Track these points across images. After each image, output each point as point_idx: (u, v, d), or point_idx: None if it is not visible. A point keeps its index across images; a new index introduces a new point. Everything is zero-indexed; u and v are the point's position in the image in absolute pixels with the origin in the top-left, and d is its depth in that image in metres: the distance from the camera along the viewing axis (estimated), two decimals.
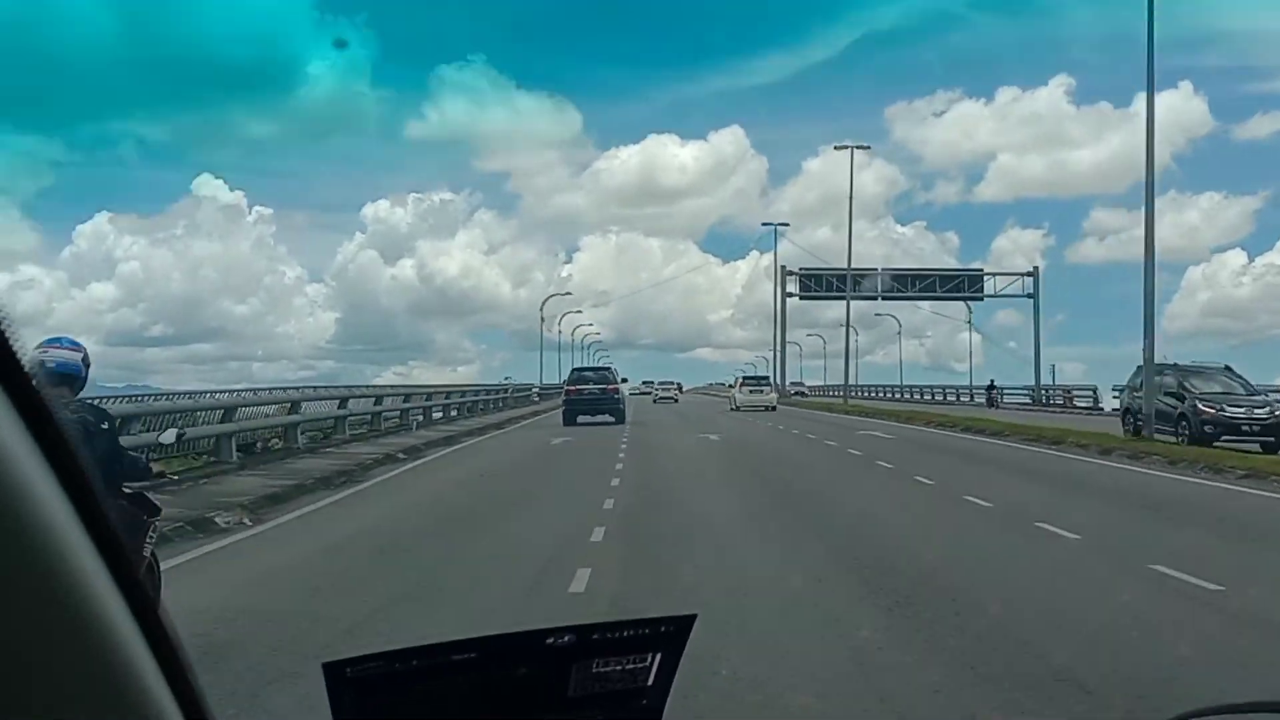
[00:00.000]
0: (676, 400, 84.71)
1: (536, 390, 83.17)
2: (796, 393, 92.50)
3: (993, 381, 63.76)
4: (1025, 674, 6.32)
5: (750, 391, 58.31)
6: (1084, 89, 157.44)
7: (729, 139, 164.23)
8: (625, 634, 1.29)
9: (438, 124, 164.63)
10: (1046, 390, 76.78)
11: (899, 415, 44.13)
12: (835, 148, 61.16)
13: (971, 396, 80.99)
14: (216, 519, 12.96)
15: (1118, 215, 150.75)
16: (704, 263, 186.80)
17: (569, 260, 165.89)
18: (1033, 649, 6.91)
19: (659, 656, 1.33)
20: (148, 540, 6.57)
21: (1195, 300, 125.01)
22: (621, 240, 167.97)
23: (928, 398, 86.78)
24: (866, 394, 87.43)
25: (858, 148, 61.34)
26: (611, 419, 41.09)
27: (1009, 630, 7.50)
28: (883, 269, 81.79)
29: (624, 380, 50.75)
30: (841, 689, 6.21)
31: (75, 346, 6.51)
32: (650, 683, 1.33)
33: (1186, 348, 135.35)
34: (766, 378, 72.24)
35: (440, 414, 42.53)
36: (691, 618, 1.37)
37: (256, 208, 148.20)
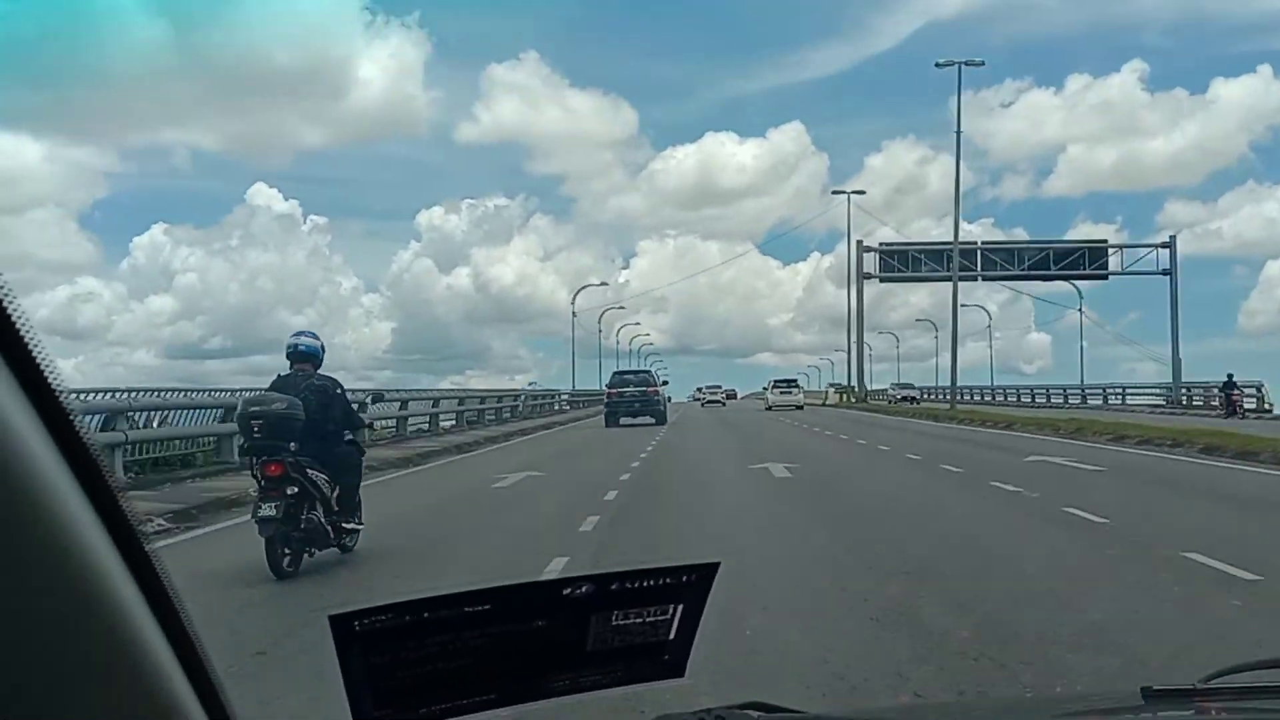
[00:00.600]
0: (724, 404, 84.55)
1: (566, 396, 69.74)
2: (904, 397, 75.75)
3: (1230, 378, 44.97)
4: None
5: (781, 393, 65.23)
6: (1157, 74, 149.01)
7: (788, 136, 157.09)
8: (646, 584, 1.19)
9: (490, 126, 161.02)
10: (1188, 390, 62.21)
11: (1054, 426, 29.57)
12: (937, 65, 46.85)
13: (1084, 398, 66.96)
14: None
15: (1192, 208, 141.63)
16: (764, 265, 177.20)
17: (626, 265, 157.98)
18: None
19: (680, 608, 1.23)
20: (362, 470, 10.01)
21: (1274, 296, 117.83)
22: (679, 244, 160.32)
23: (1024, 399, 73.02)
24: (963, 397, 72.84)
25: (967, 64, 46.79)
26: (652, 420, 41.01)
27: None
28: (983, 243, 67.29)
29: (665, 383, 53.06)
30: None
31: (315, 336, 9.79)
32: (672, 636, 1.24)
33: (1266, 345, 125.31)
34: (795, 380, 76.68)
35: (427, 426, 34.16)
36: (715, 565, 1.23)
37: (311, 217, 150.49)
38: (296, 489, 8.81)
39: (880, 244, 68.63)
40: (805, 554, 9.55)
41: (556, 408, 62.73)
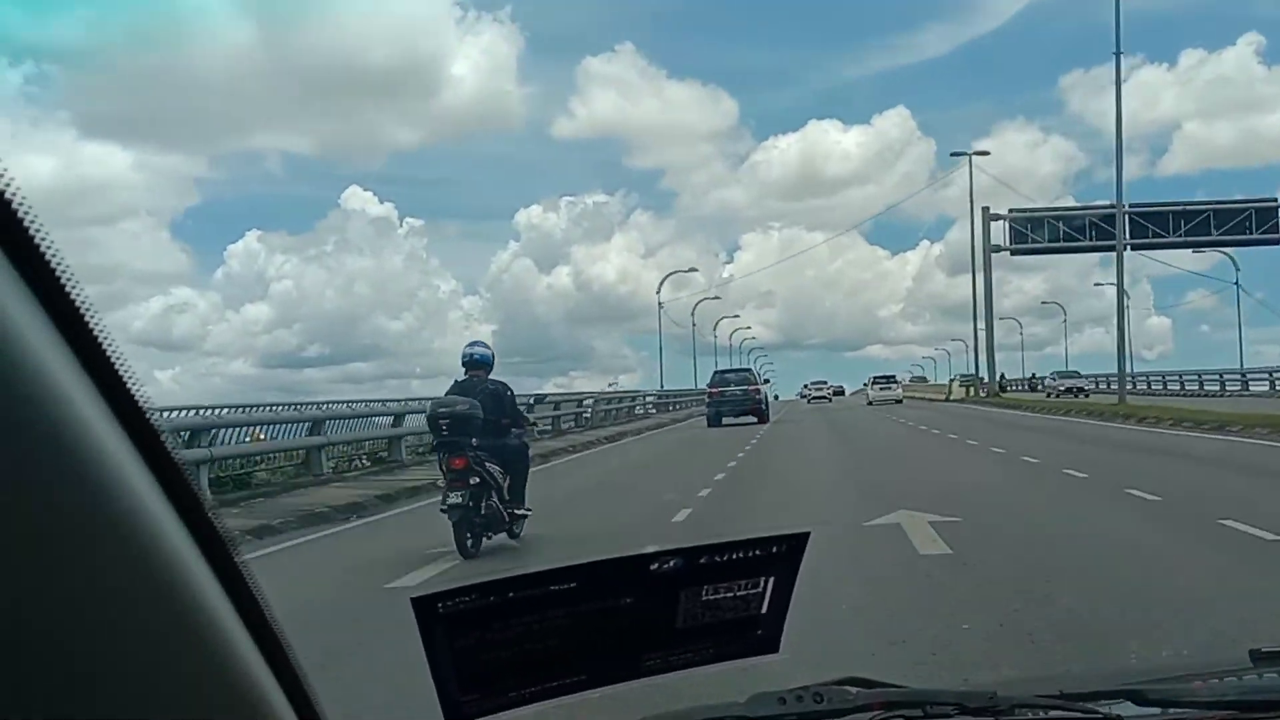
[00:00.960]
0: (830, 400, 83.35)
1: (651, 399, 61.76)
2: (1069, 389, 62.06)
3: None
4: None
5: (880, 388, 68.96)
6: (1275, 46, 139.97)
7: (893, 121, 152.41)
8: (735, 556, 1.14)
9: (587, 121, 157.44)
10: None
11: None
12: None
13: (1244, 384, 57.40)
14: None
15: None
16: (871, 255, 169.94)
17: (729, 260, 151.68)
18: None
19: (771, 580, 1.18)
20: (529, 463, 11.05)
21: None
22: (784, 236, 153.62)
23: (1171, 386, 62.99)
24: (1100, 384, 62.98)
25: None
26: (754, 419, 39.85)
27: None
28: (1129, 206, 57.66)
29: (767, 381, 56.74)
30: None
31: (486, 346, 10.84)
32: (764, 610, 1.19)
33: None
34: (894, 376, 77.88)
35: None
36: (805, 535, 1.17)
37: (407, 219, 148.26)
38: (478, 479, 9.86)
39: (1010, 210, 59.31)
40: None
41: (639, 411, 54.89)
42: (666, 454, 25.59)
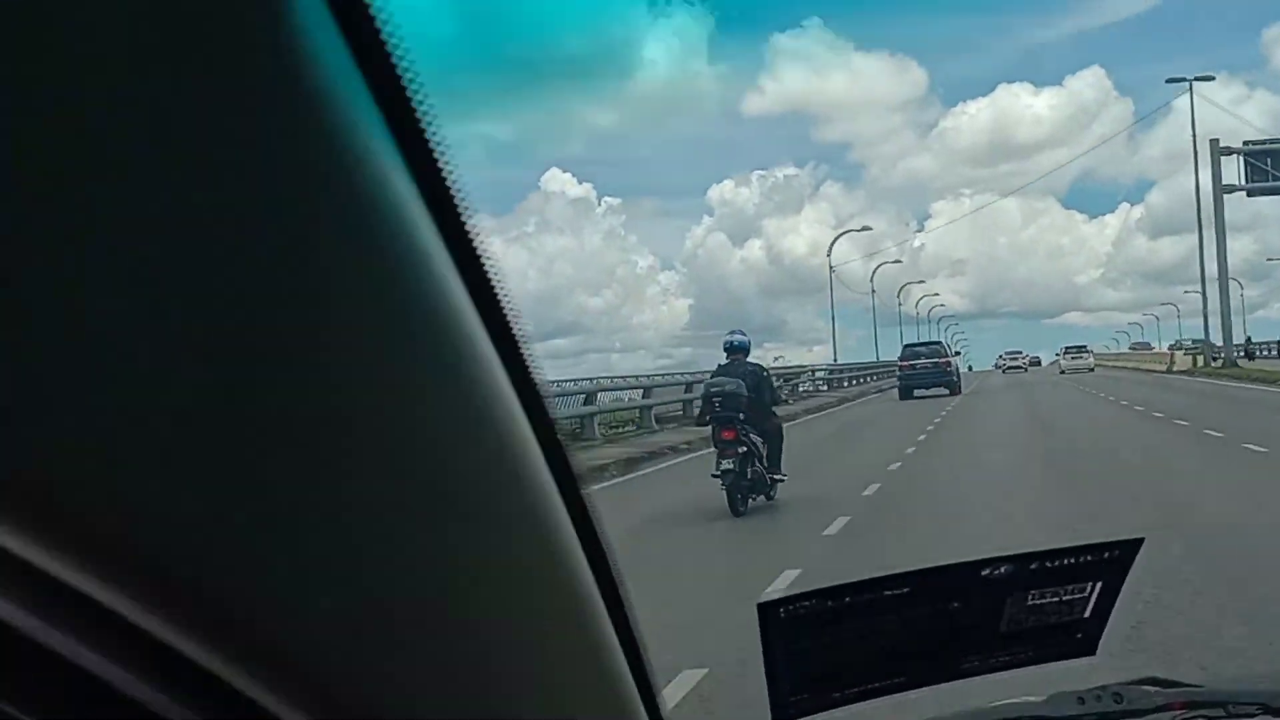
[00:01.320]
0: (1025, 370, 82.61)
1: (821, 374, 54.99)
2: None
3: None
4: None
5: (1071, 358, 71.22)
6: None
7: (1087, 82, 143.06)
8: (1066, 562, 1.16)
9: (776, 96, 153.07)
10: None
11: None
12: None
13: None
14: None
15: None
16: (1068, 220, 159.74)
17: (920, 229, 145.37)
18: None
19: (1099, 585, 1.18)
20: (783, 435, 12.40)
21: None
22: (975, 203, 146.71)
23: None
24: None
25: None
26: (945, 391, 40.69)
27: None
28: None
29: (958, 353, 55.77)
30: None
31: (744, 334, 12.31)
32: (1087, 614, 1.19)
33: None
34: (1085, 346, 79.89)
35: None
36: (1138, 541, 1.18)
37: (605, 199, 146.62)
38: (744, 448, 11.37)
39: (1245, 143, 49.89)
40: None
41: (804, 389, 48.23)
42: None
